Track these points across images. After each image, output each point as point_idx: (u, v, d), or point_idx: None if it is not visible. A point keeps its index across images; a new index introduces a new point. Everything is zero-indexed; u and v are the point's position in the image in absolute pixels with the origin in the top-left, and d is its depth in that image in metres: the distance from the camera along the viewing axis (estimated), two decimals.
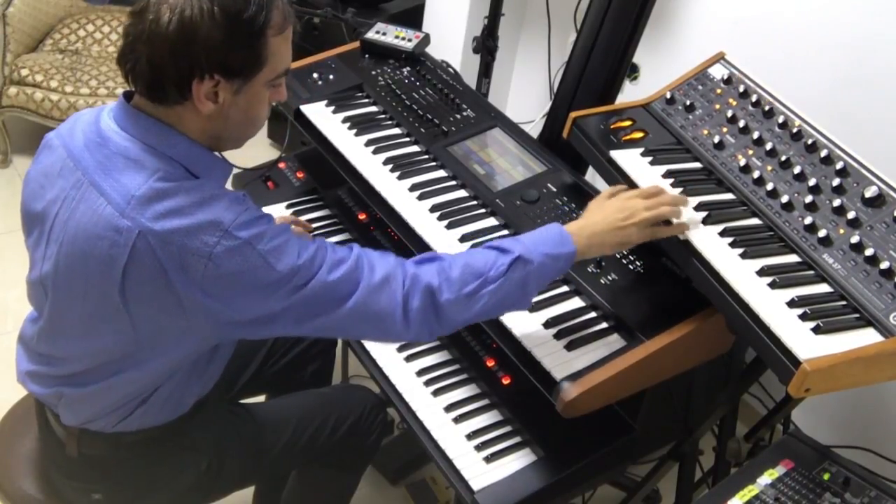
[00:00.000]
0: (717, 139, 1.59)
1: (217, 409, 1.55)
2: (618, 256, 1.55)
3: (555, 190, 1.71)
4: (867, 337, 1.26)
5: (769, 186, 1.48)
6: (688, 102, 1.68)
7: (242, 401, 1.72)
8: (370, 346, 1.72)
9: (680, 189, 1.50)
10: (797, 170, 1.48)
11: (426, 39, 2.11)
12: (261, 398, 1.87)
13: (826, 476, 1.31)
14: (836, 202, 1.41)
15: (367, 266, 1.29)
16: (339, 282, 1.26)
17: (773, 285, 1.32)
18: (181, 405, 1.45)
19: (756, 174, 1.51)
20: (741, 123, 1.59)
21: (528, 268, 1.32)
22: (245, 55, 1.20)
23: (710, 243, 1.40)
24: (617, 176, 1.57)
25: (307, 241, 1.28)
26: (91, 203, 1.22)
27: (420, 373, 1.68)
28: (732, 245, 1.39)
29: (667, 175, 1.54)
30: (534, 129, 2.69)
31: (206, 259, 1.18)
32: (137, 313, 1.25)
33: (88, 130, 1.27)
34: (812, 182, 1.45)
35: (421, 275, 1.30)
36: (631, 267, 1.54)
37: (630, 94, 2.71)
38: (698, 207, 1.47)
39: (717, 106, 1.65)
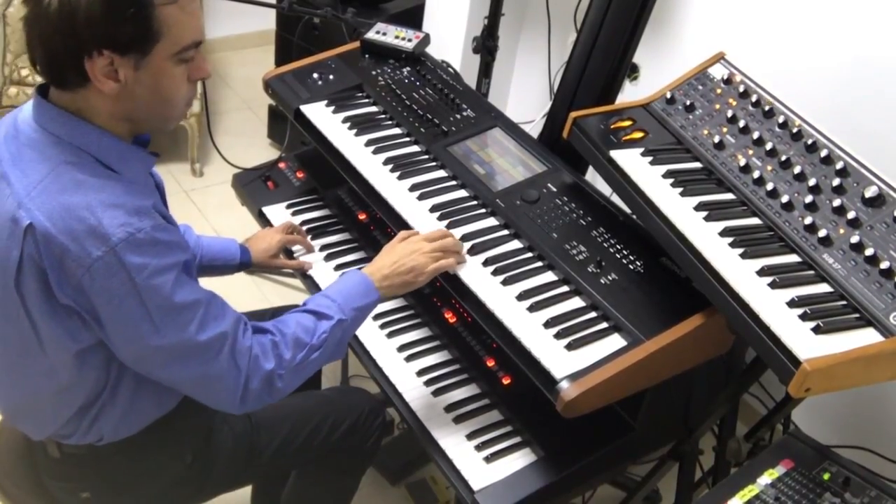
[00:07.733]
0: (717, 139, 1.59)
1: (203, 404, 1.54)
2: (618, 256, 1.56)
3: (555, 190, 1.71)
4: (867, 337, 1.26)
5: (769, 186, 1.48)
6: (688, 102, 1.68)
7: None
8: (370, 345, 1.73)
9: (680, 189, 1.50)
10: (797, 170, 1.48)
11: (426, 39, 2.11)
12: None
13: (826, 476, 1.31)
14: (836, 202, 1.41)
15: (231, 338, 1.29)
16: (204, 344, 1.26)
17: (773, 285, 1.32)
18: (158, 408, 1.43)
19: (756, 174, 1.51)
20: (741, 123, 1.59)
21: (343, 325, 1.43)
22: (133, 28, 1.14)
23: (710, 243, 1.40)
24: (617, 176, 1.57)
25: (192, 287, 1.26)
26: (2, 194, 1.22)
27: (420, 373, 1.68)
28: (732, 245, 1.39)
29: (667, 175, 1.54)
30: (534, 129, 2.69)
31: (84, 269, 1.16)
32: (33, 310, 1.23)
33: (8, 123, 1.27)
34: (812, 182, 1.45)
35: (261, 358, 1.33)
36: (631, 267, 1.54)
37: (630, 94, 2.71)
38: (698, 207, 1.47)
39: (717, 106, 1.65)
